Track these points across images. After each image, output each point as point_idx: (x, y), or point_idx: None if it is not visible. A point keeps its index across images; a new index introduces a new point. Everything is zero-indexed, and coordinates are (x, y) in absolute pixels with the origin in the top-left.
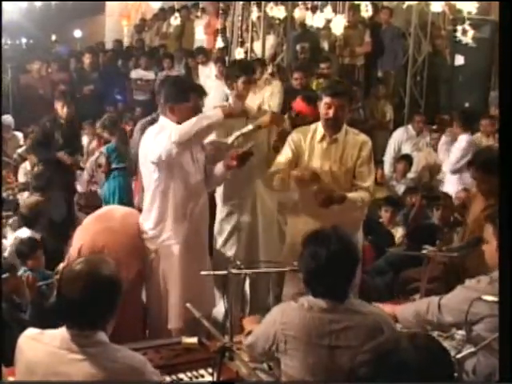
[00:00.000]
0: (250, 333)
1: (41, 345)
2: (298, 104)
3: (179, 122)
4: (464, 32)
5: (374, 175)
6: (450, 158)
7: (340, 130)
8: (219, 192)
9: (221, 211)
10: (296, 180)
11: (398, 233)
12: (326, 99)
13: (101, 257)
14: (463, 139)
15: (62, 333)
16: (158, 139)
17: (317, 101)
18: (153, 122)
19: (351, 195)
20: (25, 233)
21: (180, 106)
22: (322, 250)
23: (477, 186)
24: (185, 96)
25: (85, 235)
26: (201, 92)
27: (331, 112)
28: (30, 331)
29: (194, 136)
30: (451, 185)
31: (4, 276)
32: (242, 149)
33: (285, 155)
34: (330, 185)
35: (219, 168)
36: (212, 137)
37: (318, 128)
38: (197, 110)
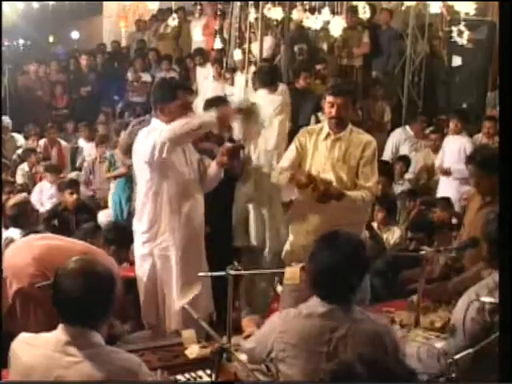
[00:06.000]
0: (248, 336)
1: (35, 349)
2: None
3: (170, 122)
4: (460, 33)
5: (377, 175)
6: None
7: (344, 129)
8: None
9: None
10: (294, 185)
11: (395, 234)
12: (329, 98)
13: (94, 257)
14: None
15: (56, 335)
16: (149, 138)
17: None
18: (143, 123)
19: (351, 193)
20: (12, 233)
21: (169, 106)
22: (330, 252)
23: (475, 183)
24: (172, 94)
25: None
26: (187, 89)
27: (334, 111)
28: (24, 335)
29: (185, 133)
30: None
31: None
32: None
33: (289, 154)
34: (328, 180)
35: (213, 167)
36: None
37: (324, 127)
38: (186, 107)
